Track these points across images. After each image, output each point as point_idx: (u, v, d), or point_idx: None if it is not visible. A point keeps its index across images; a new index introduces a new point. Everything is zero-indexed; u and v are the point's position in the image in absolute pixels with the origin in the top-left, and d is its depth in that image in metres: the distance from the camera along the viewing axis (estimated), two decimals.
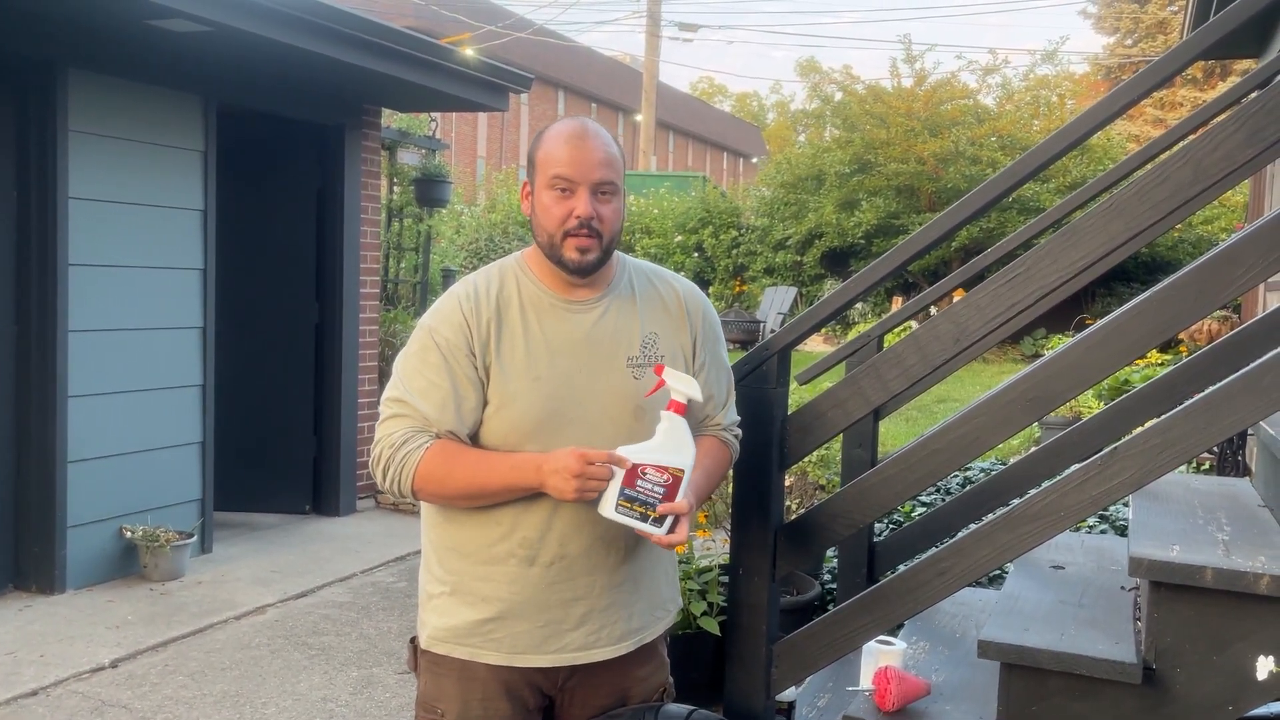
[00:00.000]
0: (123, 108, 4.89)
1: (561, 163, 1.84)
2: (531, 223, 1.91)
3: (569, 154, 1.84)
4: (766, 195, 17.33)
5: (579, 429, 1.85)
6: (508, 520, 1.85)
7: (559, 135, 1.88)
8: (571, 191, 1.84)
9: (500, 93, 6.60)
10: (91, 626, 4.32)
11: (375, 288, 6.60)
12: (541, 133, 1.92)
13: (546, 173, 1.85)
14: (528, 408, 1.83)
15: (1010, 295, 2.09)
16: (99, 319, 4.82)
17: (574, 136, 1.86)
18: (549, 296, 1.91)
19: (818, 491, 5.23)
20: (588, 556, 1.88)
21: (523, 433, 1.83)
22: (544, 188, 1.86)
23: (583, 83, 34.10)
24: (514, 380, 1.84)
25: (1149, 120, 25.27)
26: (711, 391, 2.00)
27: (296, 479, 6.25)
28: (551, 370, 1.85)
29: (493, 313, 1.87)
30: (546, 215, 1.86)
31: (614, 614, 1.92)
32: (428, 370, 1.84)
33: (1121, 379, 6.80)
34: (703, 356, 2.00)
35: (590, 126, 1.90)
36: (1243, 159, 1.89)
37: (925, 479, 2.19)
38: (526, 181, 1.92)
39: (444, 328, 1.85)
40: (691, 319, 2.00)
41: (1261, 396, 1.84)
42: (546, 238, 1.87)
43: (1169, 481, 2.86)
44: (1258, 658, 1.89)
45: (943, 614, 3.08)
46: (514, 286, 1.91)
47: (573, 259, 1.85)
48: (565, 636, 1.89)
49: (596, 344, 1.89)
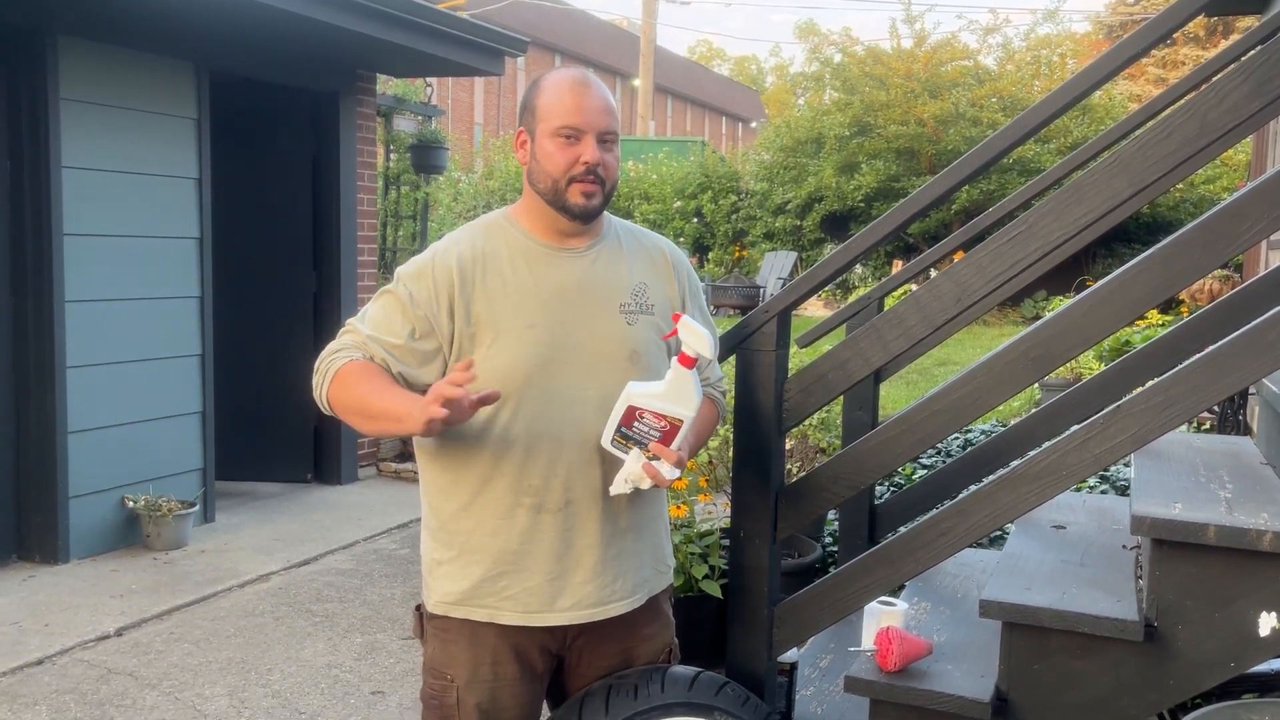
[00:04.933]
0: (115, 75, 4.84)
1: (568, 111, 1.83)
2: (529, 170, 1.89)
3: (574, 102, 1.84)
4: (766, 159, 17.23)
5: (574, 373, 1.85)
6: (510, 469, 1.85)
7: (562, 83, 1.86)
8: (577, 139, 1.84)
9: (495, 56, 6.53)
10: (95, 596, 4.34)
11: (373, 256, 6.57)
12: (539, 81, 1.90)
13: (551, 121, 1.84)
14: (521, 354, 1.83)
15: (1012, 253, 2.07)
16: (95, 289, 4.80)
17: (577, 84, 1.86)
18: (539, 245, 1.90)
19: (819, 454, 5.23)
20: (593, 501, 1.88)
21: (519, 378, 1.83)
22: (547, 135, 1.84)
23: (579, 47, 33.81)
24: (506, 329, 1.84)
25: (1151, 80, 25.07)
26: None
27: (297, 448, 6.26)
28: (546, 317, 1.85)
29: (478, 267, 1.86)
30: (550, 162, 1.84)
31: (625, 564, 1.93)
32: (387, 309, 1.87)
33: (1122, 340, 6.79)
34: (691, 310, 2.01)
35: (590, 75, 1.90)
36: (1248, 111, 1.87)
37: (926, 440, 2.18)
38: (523, 130, 1.90)
39: (412, 281, 1.86)
40: (678, 273, 2.02)
41: (1264, 354, 1.83)
42: (550, 183, 1.85)
43: (1171, 440, 2.86)
44: (1260, 614, 1.89)
45: (944, 575, 3.08)
46: (500, 240, 1.90)
47: (579, 204, 1.86)
48: (579, 591, 1.89)
49: (589, 290, 1.90)
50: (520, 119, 1.92)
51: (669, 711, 1.92)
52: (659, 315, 1.95)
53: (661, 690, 1.94)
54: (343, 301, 6.20)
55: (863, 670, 2.22)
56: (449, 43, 5.97)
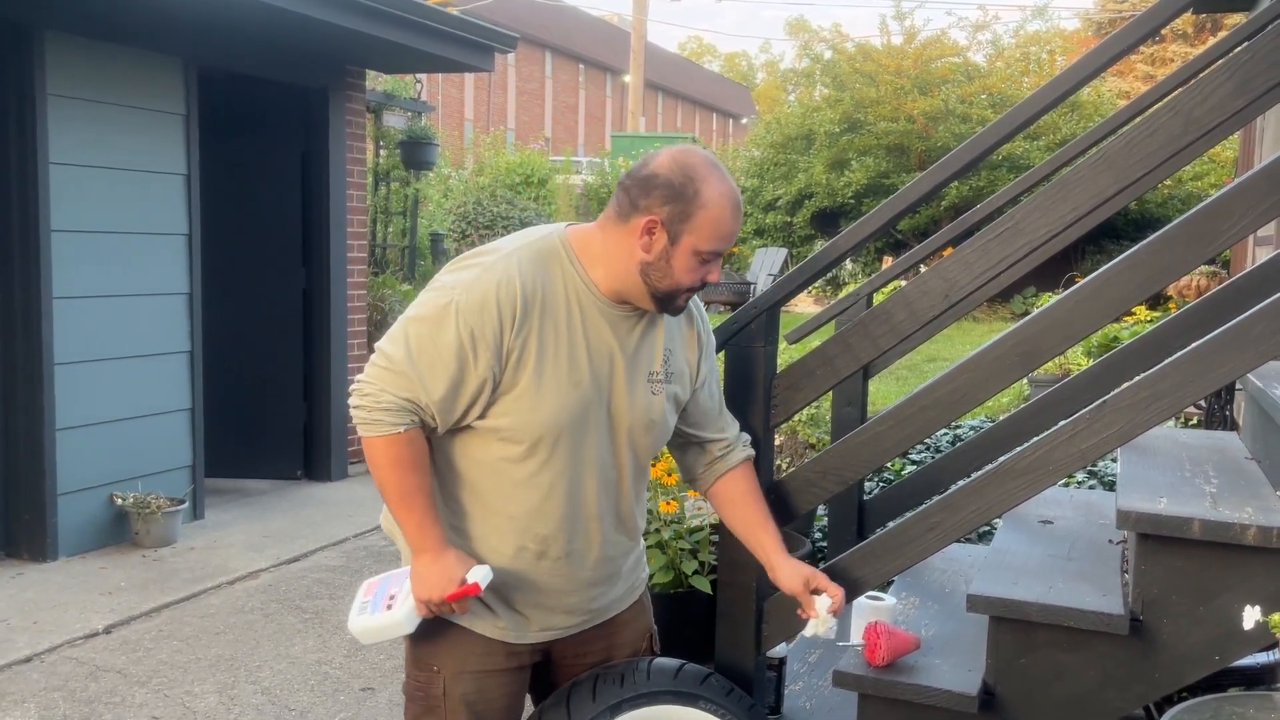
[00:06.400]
0: (102, 71, 4.82)
1: (723, 238, 1.81)
2: (647, 262, 1.80)
3: (730, 229, 1.81)
4: (756, 156, 17.25)
5: (601, 435, 1.87)
6: (524, 515, 1.86)
7: (725, 205, 1.79)
8: (712, 260, 1.83)
9: (485, 53, 6.52)
10: (84, 593, 4.33)
11: (363, 252, 6.55)
12: (700, 185, 1.78)
13: (703, 242, 1.78)
14: (561, 409, 1.80)
15: (999, 250, 2.08)
16: (84, 285, 4.78)
17: (737, 210, 1.82)
18: (598, 299, 1.84)
19: (808, 450, 5.25)
20: (591, 550, 1.93)
21: (554, 431, 1.81)
22: (691, 251, 1.79)
23: (570, 43, 33.76)
24: (552, 379, 1.79)
25: (1139, 77, 25.13)
26: (715, 402, 2.07)
27: (287, 445, 6.25)
28: (591, 376, 1.83)
29: (536, 305, 1.77)
30: (684, 275, 1.80)
31: (607, 589, 2.01)
32: (440, 348, 1.74)
33: (1111, 336, 6.81)
34: (704, 370, 2.02)
35: (739, 195, 1.86)
36: (1233, 108, 1.88)
37: (915, 435, 2.19)
38: (658, 222, 1.78)
39: (472, 314, 1.73)
40: (699, 331, 2.02)
41: (1250, 348, 1.84)
42: (670, 287, 1.81)
43: (1157, 435, 2.87)
44: (1244, 608, 1.91)
45: (932, 569, 3.10)
46: (558, 275, 1.81)
47: (679, 307, 1.87)
48: (560, 618, 1.96)
49: (630, 357, 1.88)
50: (657, 204, 1.78)
51: (655, 699, 1.96)
52: (676, 383, 1.96)
53: (647, 679, 1.98)
54: (332, 298, 6.18)
55: (851, 665, 2.23)
56: (438, 39, 5.96)
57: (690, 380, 1.99)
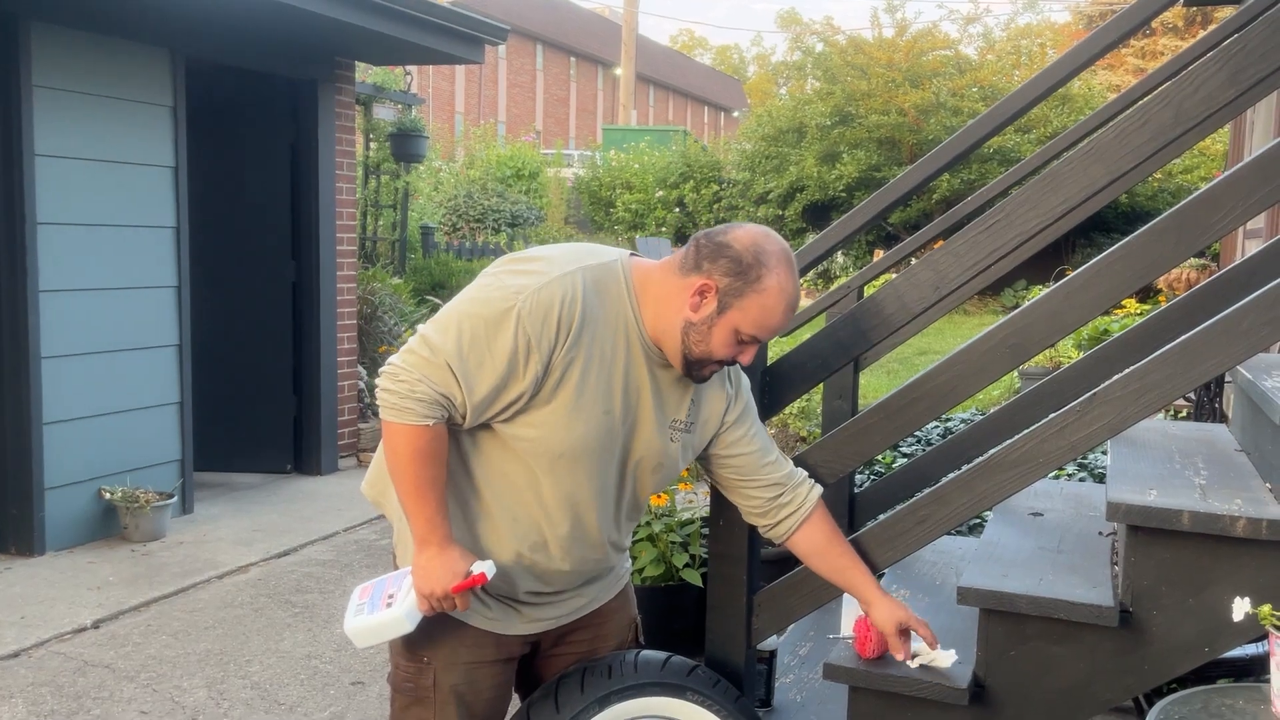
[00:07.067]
0: (88, 62, 4.78)
1: (769, 329, 1.82)
2: (691, 322, 1.80)
3: (778, 323, 1.82)
4: (748, 149, 17.22)
5: (614, 468, 1.88)
6: (527, 528, 1.88)
7: (784, 297, 1.80)
8: (750, 344, 1.83)
9: (475, 44, 6.49)
10: (73, 588, 4.31)
11: (353, 245, 6.53)
12: (768, 263, 1.78)
13: (748, 325, 1.79)
14: (589, 434, 1.81)
15: (989, 242, 2.07)
16: (70, 278, 4.75)
17: (789, 308, 1.83)
18: (641, 336, 1.84)
19: (799, 443, 5.25)
20: (585, 564, 1.95)
21: (576, 453, 1.81)
22: (733, 328, 1.79)
23: (561, 35, 33.68)
24: (587, 402, 1.79)
25: (1130, 70, 25.18)
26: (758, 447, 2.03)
27: (277, 438, 6.22)
28: (622, 409, 1.84)
29: (590, 327, 1.77)
30: (717, 347, 1.81)
31: (593, 589, 2.04)
32: (495, 350, 1.72)
33: (1101, 329, 6.83)
34: (730, 419, 1.99)
35: (799, 298, 1.86)
36: (1223, 100, 1.88)
37: (905, 428, 2.19)
38: (713, 285, 1.78)
39: (534, 323, 1.71)
40: (728, 386, 2.00)
41: (1239, 341, 1.84)
42: (701, 353, 1.82)
43: (1147, 428, 2.88)
44: (1234, 599, 1.91)
45: (923, 562, 3.10)
46: (615, 306, 1.82)
47: (703, 376, 1.87)
48: (546, 614, 1.99)
49: (659, 401, 1.89)
50: (720, 272, 1.78)
51: (642, 691, 1.97)
52: (697, 433, 1.96)
53: (635, 671, 2.00)
54: (321, 291, 6.16)
55: (841, 658, 2.23)
56: (428, 30, 5.93)
57: (713, 429, 1.99)
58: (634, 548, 3.51)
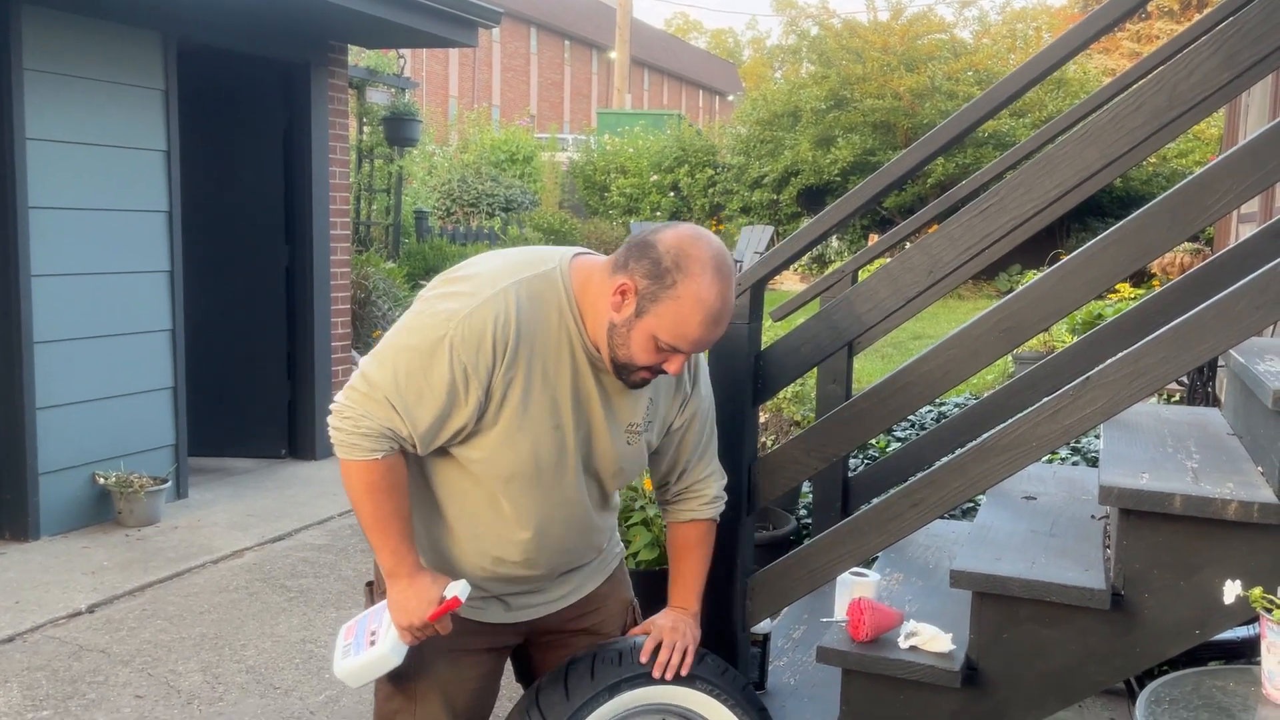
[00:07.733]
0: (79, 45, 4.75)
1: (684, 338, 1.71)
2: (615, 323, 1.73)
3: (694, 335, 1.71)
4: (742, 133, 17.19)
5: (572, 478, 1.85)
6: (491, 540, 1.87)
7: (699, 309, 1.68)
8: (672, 353, 1.75)
9: (469, 28, 6.46)
10: (67, 573, 4.30)
11: (346, 229, 6.50)
12: (682, 276, 1.68)
13: (663, 332, 1.70)
14: (537, 453, 1.78)
15: (984, 225, 2.07)
16: (63, 263, 4.73)
17: (709, 320, 1.70)
18: (585, 343, 1.79)
19: (793, 427, 5.25)
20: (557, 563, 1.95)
21: (516, 470, 1.78)
22: (650, 334, 1.71)
23: (555, 19, 33.53)
24: (534, 419, 1.76)
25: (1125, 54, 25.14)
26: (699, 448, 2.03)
27: (271, 423, 6.22)
28: (573, 421, 1.81)
29: (527, 345, 1.72)
30: (638, 350, 1.73)
31: (577, 578, 2.04)
32: (432, 381, 1.69)
33: (1094, 313, 6.84)
34: (686, 415, 1.98)
35: (729, 309, 1.74)
36: (1218, 83, 1.87)
37: (899, 412, 2.19)
38: (631, 285, 1.70)
39: (467, 351, 1.68)
40: (685, 380, 1.97)
41: (1231, 325, 1.84)
42: (626, 358, 1.74)
43: (1140, 412, 2.88)
44: (1225, 582, 1.92)
45: (916, 546, 3.11)
46: (555, 317, 1.76)
47: (634, 382, 1.79)
48: (530, 602, 1.99)
49: (611, 408, 1.85)
50: (639, 272, 1.70)
51: (652, 679, 1.96)
52: (654, 431, 1.94)
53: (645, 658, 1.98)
54: (315, 275, 6.14)
55: (835, 641, 2.24)
56: (421, 13, 5.90)
57: (670, 421, 1.97)
58: (629, 532, 3.52)
